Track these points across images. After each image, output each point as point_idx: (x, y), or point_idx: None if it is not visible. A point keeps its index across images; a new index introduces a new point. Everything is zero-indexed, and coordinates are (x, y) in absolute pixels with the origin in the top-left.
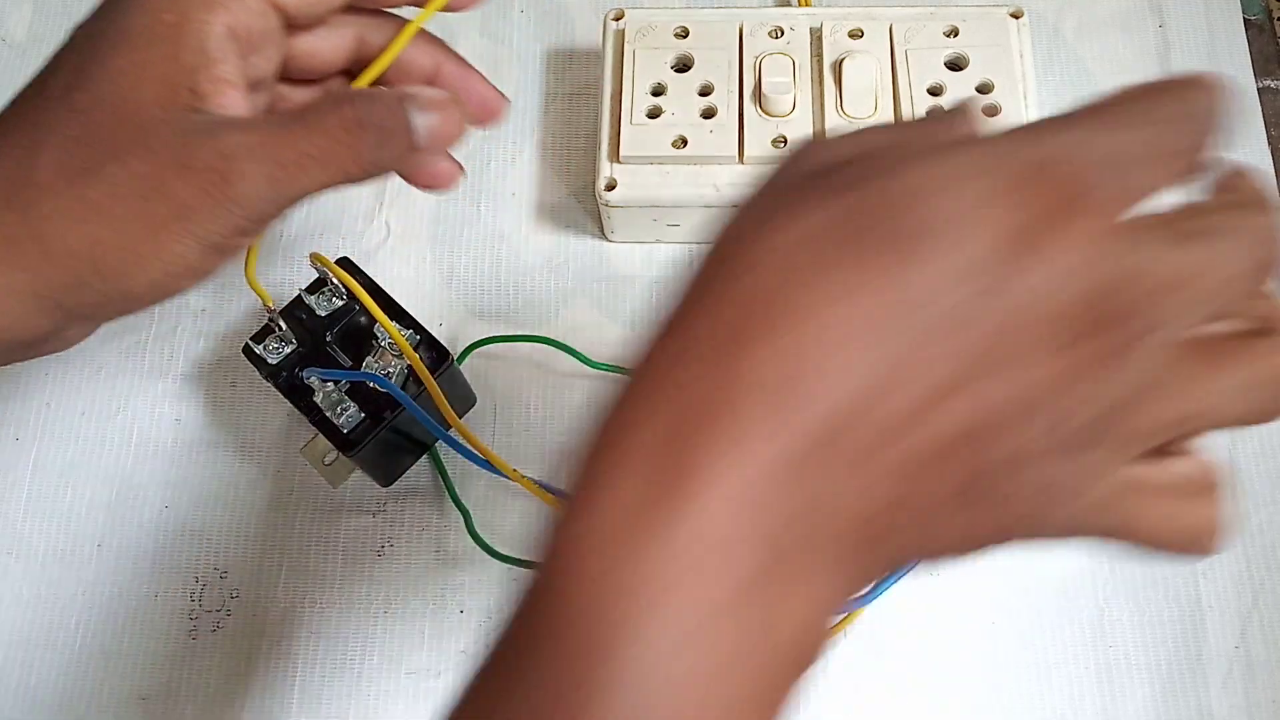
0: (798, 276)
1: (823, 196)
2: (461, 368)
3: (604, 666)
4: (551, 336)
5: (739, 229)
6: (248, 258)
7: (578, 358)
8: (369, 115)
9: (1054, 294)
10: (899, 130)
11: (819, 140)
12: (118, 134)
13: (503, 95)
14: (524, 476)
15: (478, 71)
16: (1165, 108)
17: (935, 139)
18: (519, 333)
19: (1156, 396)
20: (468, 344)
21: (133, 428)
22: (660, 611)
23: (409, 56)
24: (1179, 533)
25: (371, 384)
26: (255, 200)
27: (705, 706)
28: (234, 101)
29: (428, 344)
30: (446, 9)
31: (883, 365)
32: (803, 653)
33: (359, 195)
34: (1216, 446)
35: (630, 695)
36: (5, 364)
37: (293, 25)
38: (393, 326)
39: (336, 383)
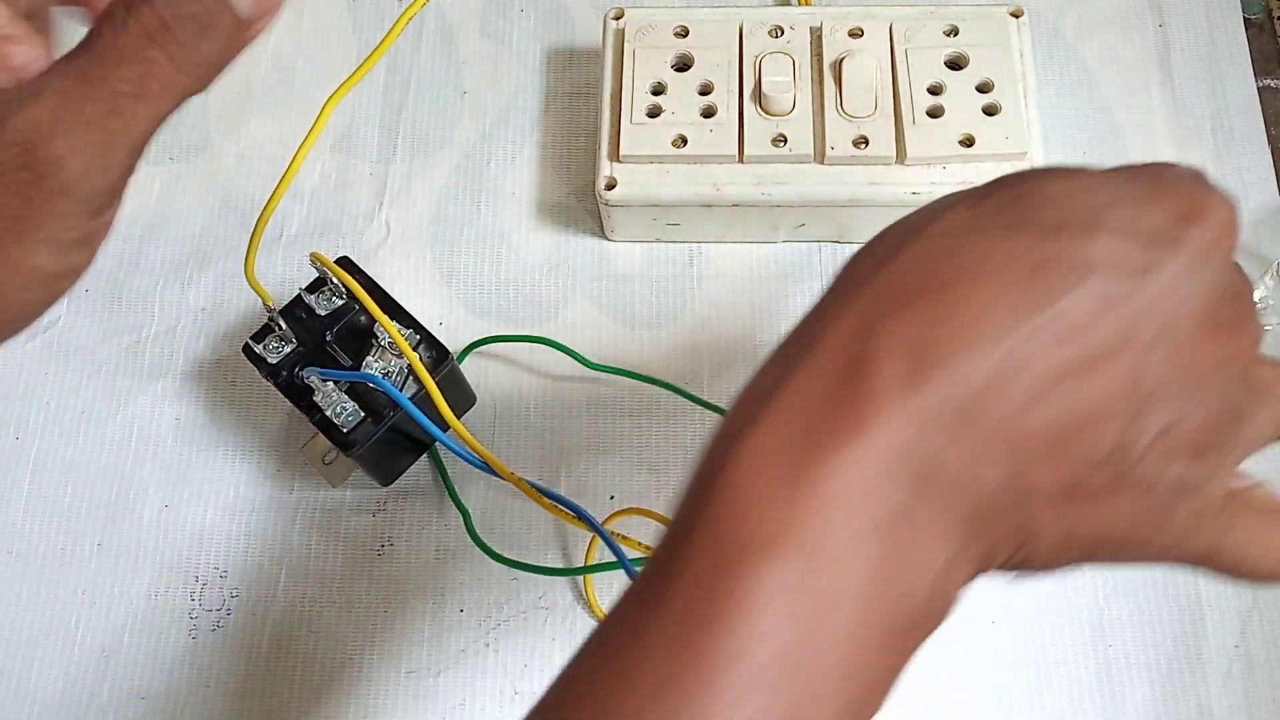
0: (964, 251)
1: (971, 207)
2: (462, 367)
3: (755, 574)
4: (551, 337)
5: (928, 211)
6: (247, 257)
7: (577, 359)
8: (172, 6)
9: (1195, 286)
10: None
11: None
12: None
13: None
14: (521, 480)
15: None
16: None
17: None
18: (519, 332)
19: (1266, 404)
20: (468, 343)
21: (133, 427)
22: (816, 526)
23: None
24: (1274, 554)
25: (370, 384)
26: (89, 178)
27: (842, 623)
28: (25, 59)
29: (427, 343)
30: None
31: (1031, 338)
32: (931, 607)
33: (359, 195)
34: None
35: (777, 602)
36: None
37: None
38: (392, 326)
39: (336, 382)
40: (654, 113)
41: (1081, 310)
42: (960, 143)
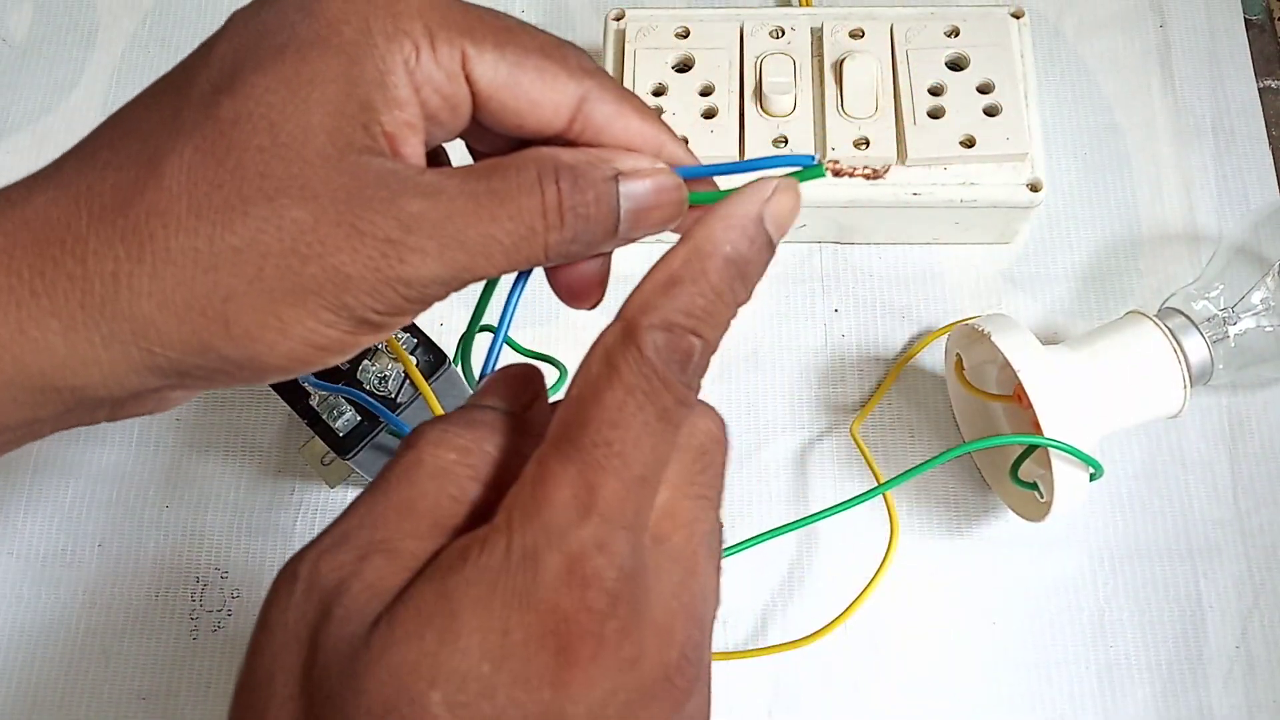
0: None
1: None
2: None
3: None
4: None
5: None
6: None
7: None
8: (576, 199)
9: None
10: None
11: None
12: (272, 164)
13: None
14: None
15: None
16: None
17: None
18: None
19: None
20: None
21: (133, 428)
22: None
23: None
24: None
25: (360, 401)
26: (425, 282)
27: None
28: (415, 152)
29: (425, 347)
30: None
31: None
32: None
33: None
34: (1217, 457)
35: None
36: (82, 425)
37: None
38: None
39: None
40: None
41: None
42: (961, 143)
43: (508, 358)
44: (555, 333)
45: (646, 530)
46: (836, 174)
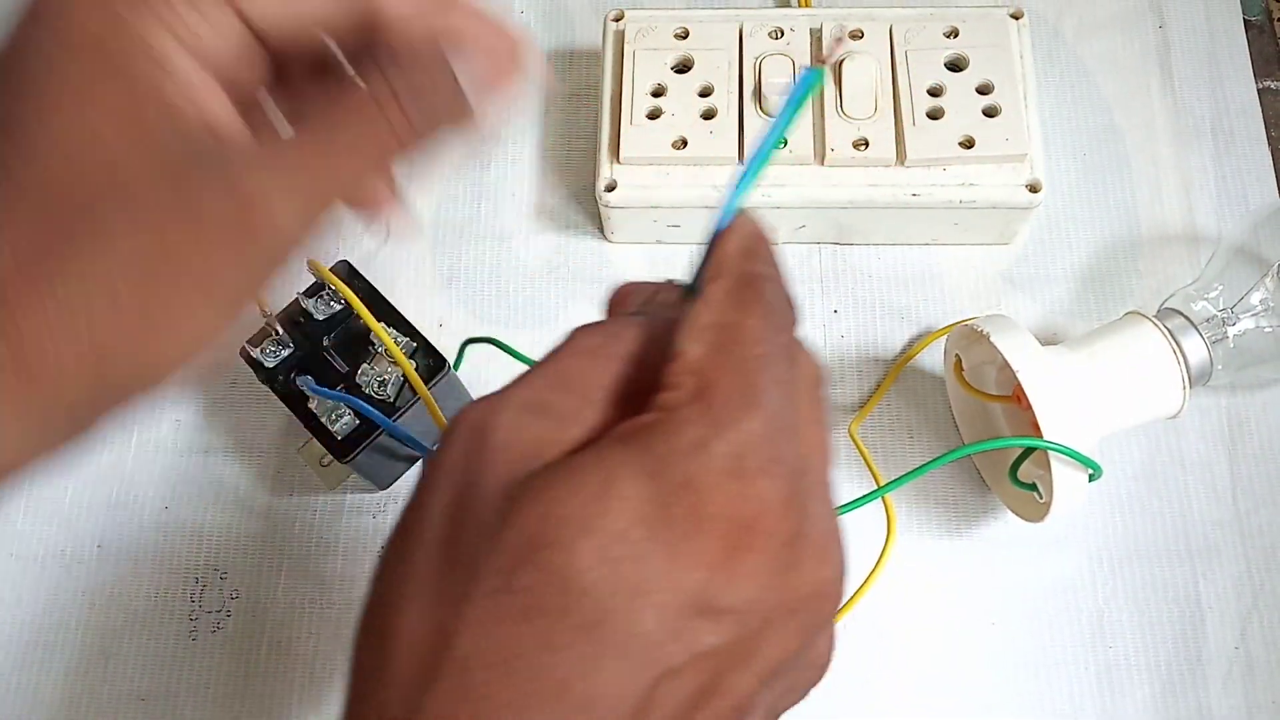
0: (504, 686)
1: (475, 598)
2: (460, 371)
3: None
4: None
5: (389, 625)
6: None
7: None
8: (413, 96)
9: (756, 624)
10: (532, 443)
11: (465, 476)
12: (88, 206)
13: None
14: None
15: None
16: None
17: (568, 438)
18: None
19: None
20: (460, 344)
21: (133, 428)
22: None
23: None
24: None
25: (358, 409)
26: (287, 234)
27: None
28: (227, 118)
29: (425, 351)
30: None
31: None
32: None
33: None
34: (1216, 457)
35: None
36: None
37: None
38: (387, 337)
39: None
40: (654, 115)
41: (643, 706)
42: (960, 144)
43: (508, 364)
44: (555, 336)
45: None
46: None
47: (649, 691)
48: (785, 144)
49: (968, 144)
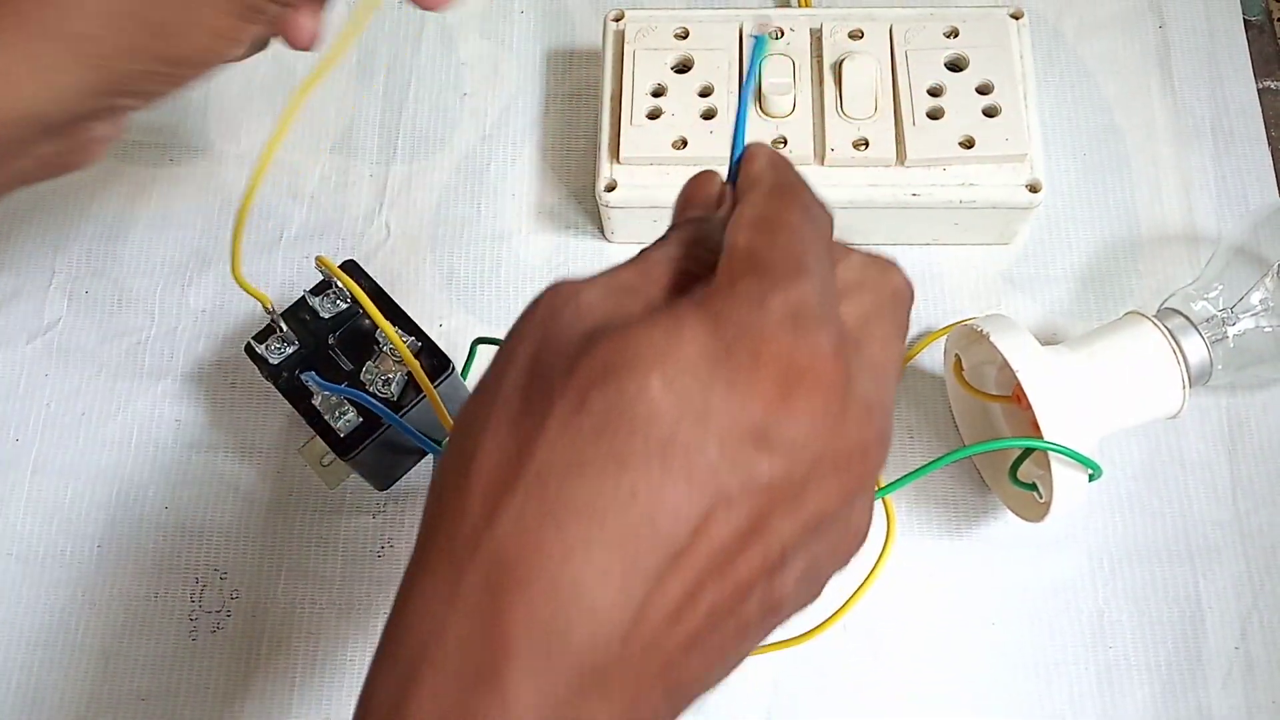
0: (572, 502)
1: (553, 417)
2: (467, 368)
3: None
4: None
5: (473, 446)
6: (232, 257)
7: None
8: None
9: (815, 453)
10: (618, 292)
11: (546, 315)
12: None
13: None
14: None
15: None
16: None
17: (651, 300)
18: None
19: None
20: (471, 342)
21: (133, 428)
22: None
23: None
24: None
25: (364, 404)
26: None
27: None
28: None
29: (429, 351)
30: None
31: (656, 586)
32: None
33: (359, 196)
34: (1216, 457)
35: None
36: (43, 170)
37: None
38: (396, 335)
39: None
40: (654, 115)
41: (703, 533)
42: (960, 144)
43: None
44: None
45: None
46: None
47: (705, 516)
48: (785, 143)
49: (968, 144)
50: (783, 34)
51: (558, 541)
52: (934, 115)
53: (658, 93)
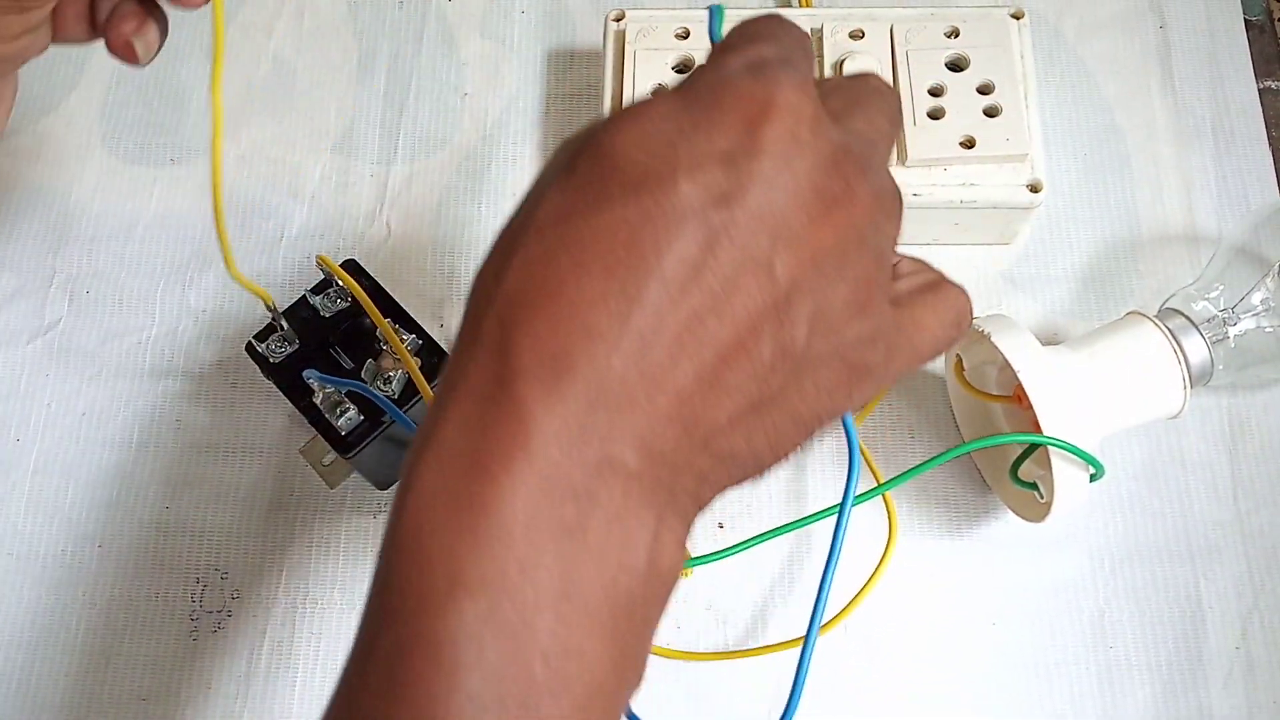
0: (567, 241)
1: (552, 188)
2: None
3: (444, 615)
4: None
5: (531, 198)
6: (225, 256)
7: None
8: None
9: (789, 181)
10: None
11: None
12: None
13: None
14: None
15: None
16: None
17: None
18: None
19: (889, 224)
20: None
21: (133, 428)
22: (495, 555)
23: None
24: (947, 315)
25: (367, 395)
26: None
27: (547, 631)
28: None
29: (430, 349)
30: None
31: (652, 307)
32: (653, 575)
33: (360, 196)
34: (1217, 457)
35: (474, 632)
36: None
37: None
38: (394, 334)
39: (335, 386)
40: None
41: (687, 260)
42: (961, 144)
43: None
44: None
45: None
46: None
47: (684, 245)
48: None
49: (968, 144)
50: None
51: (553, 276)
52: (935, 115)
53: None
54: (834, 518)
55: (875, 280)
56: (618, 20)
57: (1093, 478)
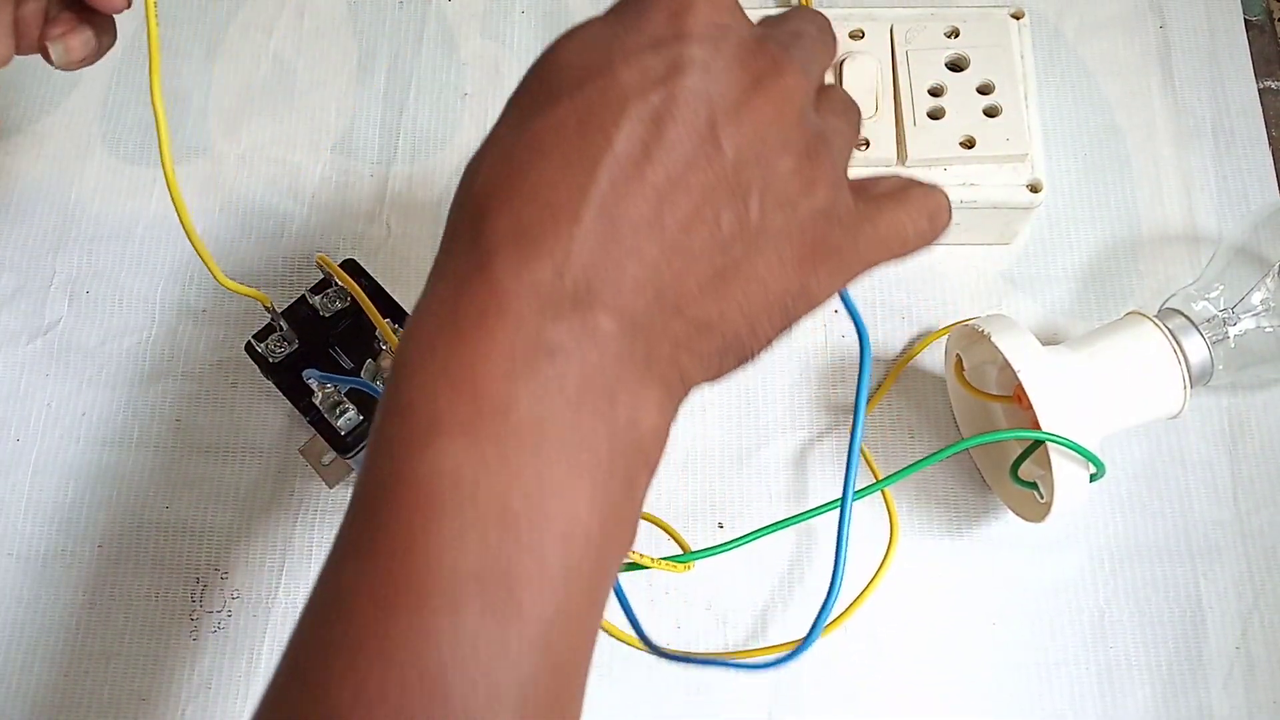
0: (526, 142)
1: (510, 105)
2: None
3: (436, 448)
4: None
5: (492, 134)
6: (209, 267)
7: None
8: None
9: (718, 61)
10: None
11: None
12: None
13: None
14: None
15: None
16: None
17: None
18: None
19: (836, 117)
20: None
21: (133, 428)
22: (488, 399)
23: None
24: (915, 208)
25: (368, 390)
26: None
27: (534, 473)
28: None
29: None
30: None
31: (607, 188)
32: (635, 435)
33: (360, 196)
34: (1217, 457)
35: (465, 469)
36: None
37: None
38: (391, 333)
39: (336, 385)
40: None
41: (635, 138)
42: (961, 144)
43: None
44: None
45: None
46: None
47: (630, 126)
48: None
49: (968, 144)
50: None
51: (515, 169)
52: (935, 115)
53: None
54: (835, 513)
55: (823, 157)
56: None
57: (1093, 477)
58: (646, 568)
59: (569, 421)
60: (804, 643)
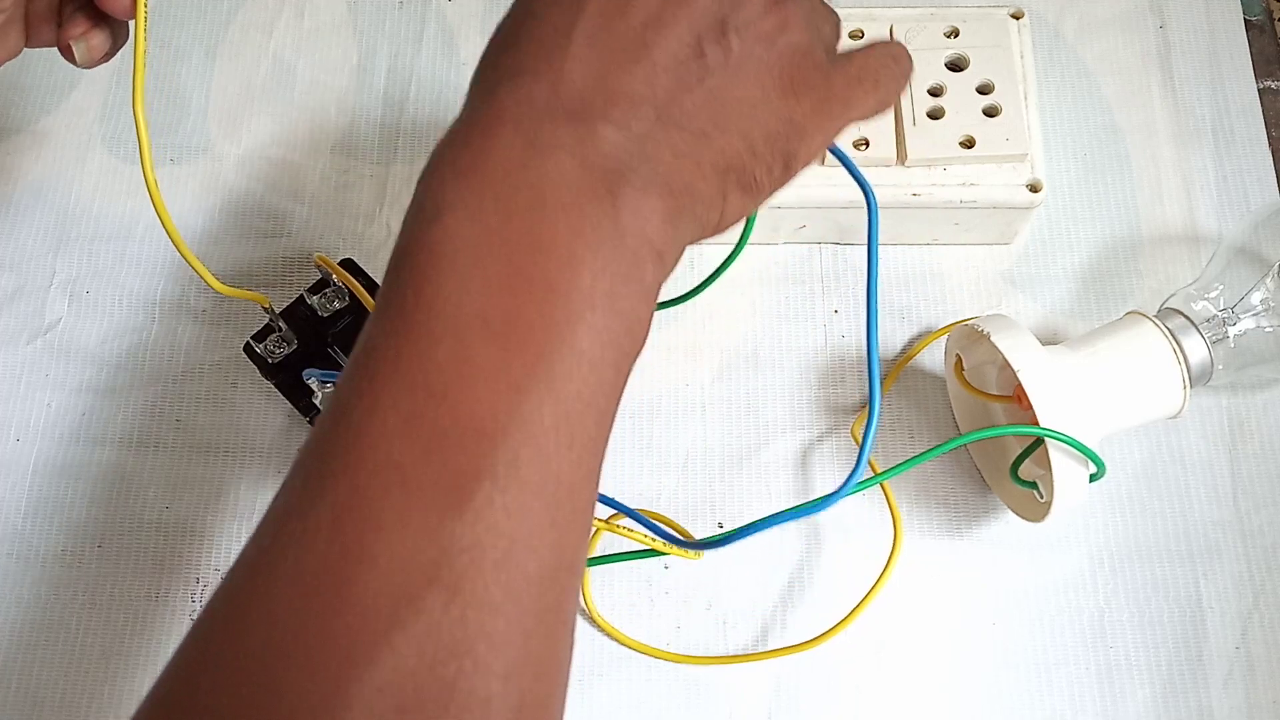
0: (508, 30)
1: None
2: None
3: (443, 224)
4: None
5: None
6: (200, 273)
7: None
8: None
9: None
10: None
11: None
12: None
13: None
14: None
15: None
16: None
17: None
18: None
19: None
20: None
21: (132, 428)
22: (493, 186)
23: None
24: (885, 54)
25: None
26: None
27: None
28: None
29: None
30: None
31: (585, 23)
32: (622, 234)
33: (360, 196)
34: (1217, 457)
35: (467, 250)
36: None
37: None
38: None
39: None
40: None
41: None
42: (961, 144)
43: None
44: None
45: None
46: None
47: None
48: None
49: (968, 144)
50: None
51: (516, 24)
52: (934, 115)
53: None
54: (839, 506)
55: (796, 10)
56: None
57: (1093, 477)
58: (661, 554)
59: (570, 202)
60: (835, 493)
